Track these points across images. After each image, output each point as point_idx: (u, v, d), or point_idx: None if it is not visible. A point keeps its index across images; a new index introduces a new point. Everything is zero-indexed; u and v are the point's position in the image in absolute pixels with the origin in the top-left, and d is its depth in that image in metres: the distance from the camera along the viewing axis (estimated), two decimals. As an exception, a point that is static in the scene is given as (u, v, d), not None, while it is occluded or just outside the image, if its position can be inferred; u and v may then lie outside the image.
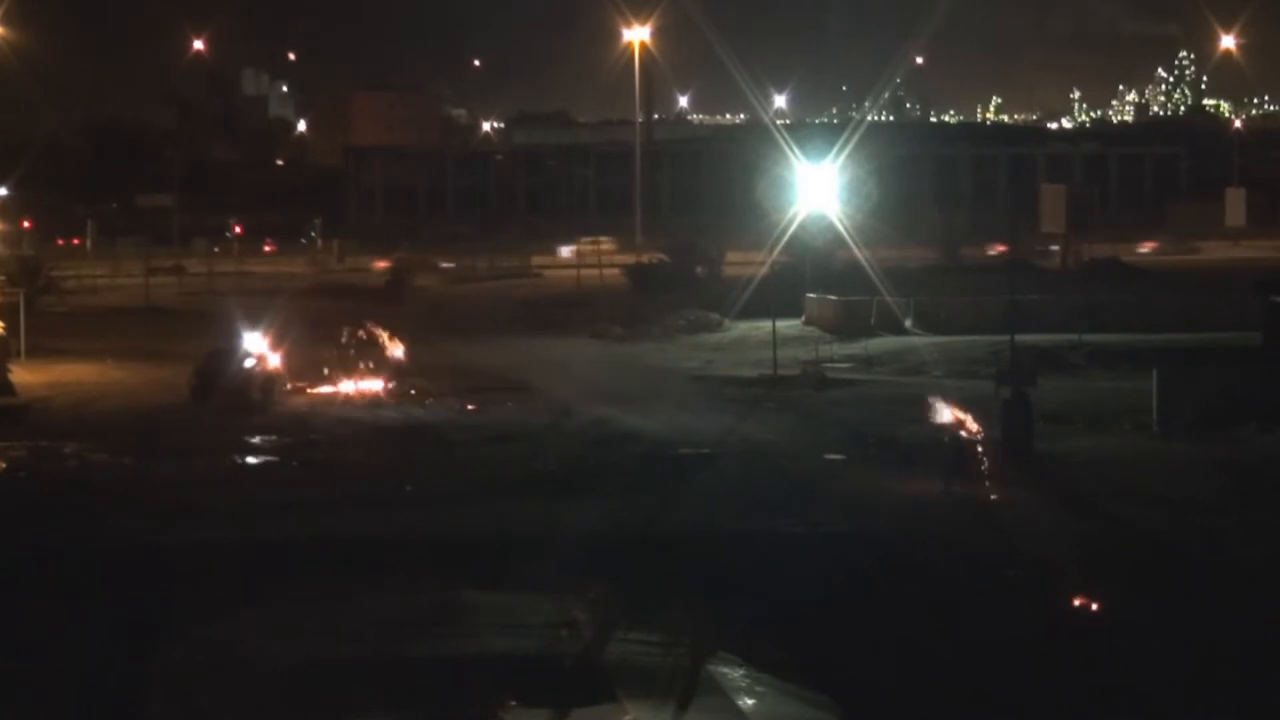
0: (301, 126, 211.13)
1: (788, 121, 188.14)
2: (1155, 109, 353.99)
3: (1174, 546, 36.76)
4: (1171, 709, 26.16)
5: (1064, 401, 52.14)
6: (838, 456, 46.03)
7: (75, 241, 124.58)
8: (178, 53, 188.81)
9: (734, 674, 26.47)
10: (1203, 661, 27.84)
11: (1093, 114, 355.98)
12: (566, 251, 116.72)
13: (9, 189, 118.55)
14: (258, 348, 56.22)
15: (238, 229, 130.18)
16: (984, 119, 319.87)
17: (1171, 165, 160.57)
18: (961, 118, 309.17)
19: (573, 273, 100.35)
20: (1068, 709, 25.98)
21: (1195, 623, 30.02)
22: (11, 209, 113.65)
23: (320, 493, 40.50)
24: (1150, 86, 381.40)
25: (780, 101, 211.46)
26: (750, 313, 74.43)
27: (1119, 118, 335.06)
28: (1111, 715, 26.03)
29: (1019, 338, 52.17)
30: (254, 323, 58.42)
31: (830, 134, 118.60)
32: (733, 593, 31.47)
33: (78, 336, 72.99)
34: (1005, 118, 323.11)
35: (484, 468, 44.00)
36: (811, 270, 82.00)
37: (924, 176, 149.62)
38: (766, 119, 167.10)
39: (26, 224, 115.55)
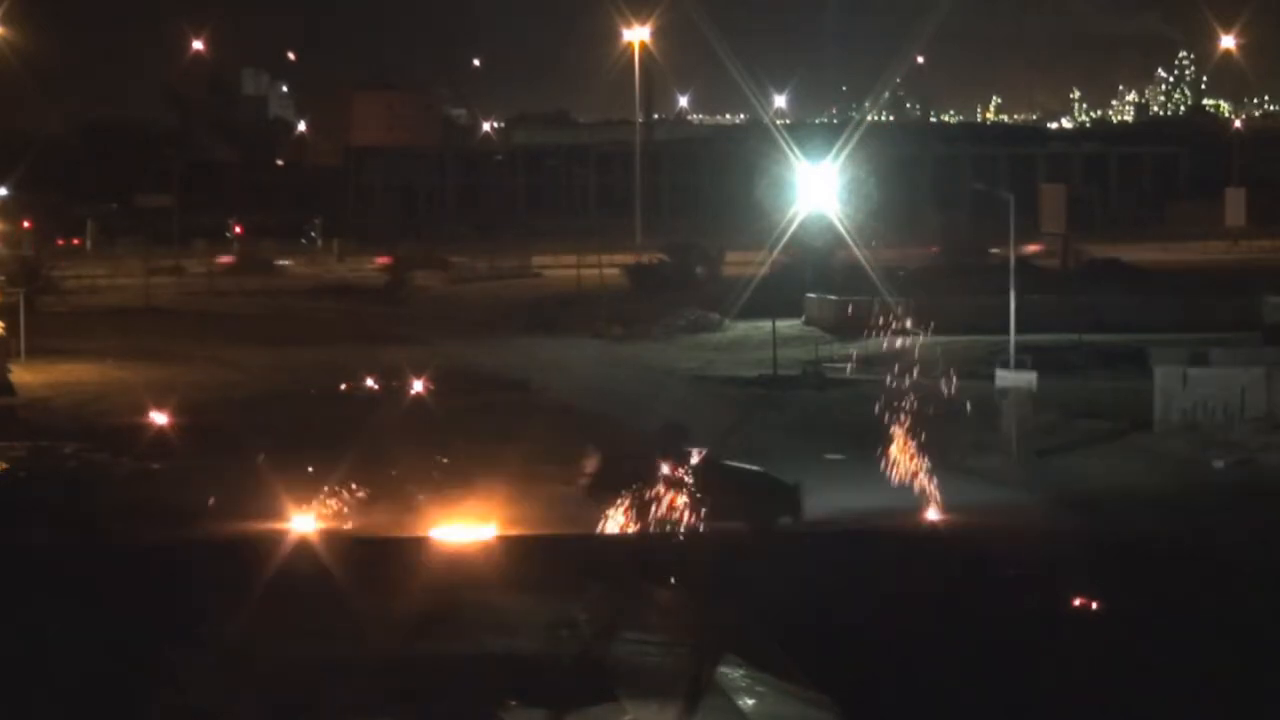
0: (301, 126, 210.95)
1: (788, 121, 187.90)
2: (1155, 109, 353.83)
3: (1172, 546, 36.80)
4: (1167, 708, 26.18)
5: (1064, 401, 52.14)
6: (838, 456, 46.05)
7: (75, 241, 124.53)
8: (178, 53, 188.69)
9: (734, 674, 26.47)
10: (1198, 661, 27.87)
11: (1093, 114, 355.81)
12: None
13: (9, 189, 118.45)
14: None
15: (238, 229, 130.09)
16: (984, 119, 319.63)
17: (1171, 165, 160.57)
18: (961, 118, 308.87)
19: (573, 273, 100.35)
20: (1066, 707, 25.99)
21: (1191, 622, 30.05)
22: (11, 209, 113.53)
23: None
24: (1150, 86, 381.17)
25: (780, 101, 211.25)
26: (750, 313, 74.39)
27: (1119, 118, 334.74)
28: (1110, 714, 26.04)
29: (1019, 338, 52.23)
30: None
31: (830, 134, 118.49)
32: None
33: (78, 336, 72.95)
34: (1005, 118, 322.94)
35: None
36: (811, 270, 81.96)
37: (924, 176, 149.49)
38: (766, 119, 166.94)
39: (26, 224, 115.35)
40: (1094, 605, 31.28)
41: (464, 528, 37.68)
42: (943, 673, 26.94)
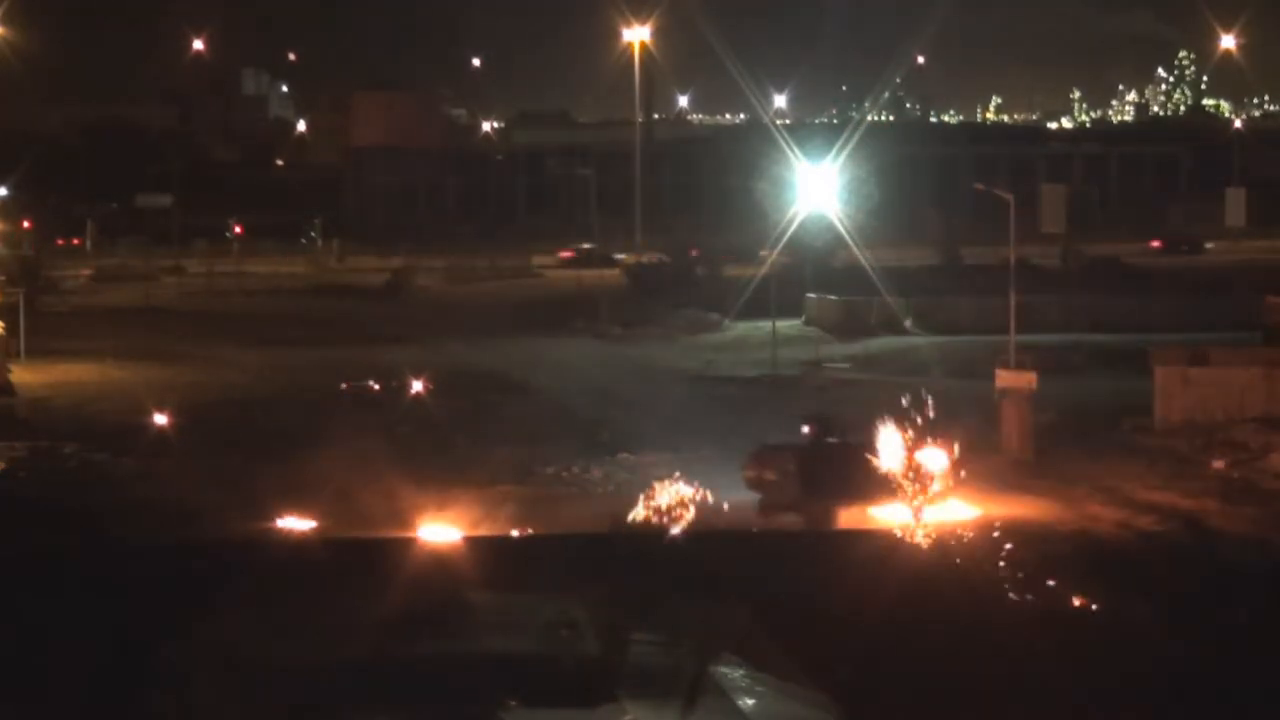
0: (301, 126, 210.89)
1: (788, 121, 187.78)
2: (1155, 109, 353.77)
3: (1170, 546, 36.82)
4: (1165, 707, 26.20)
5: (1064, 401, 52.14)
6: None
7: (75, 241, 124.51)
8: (178, 53, 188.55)
9: (734, 674, 26.48)
10: (1194, 659, 27.90)
11: (1093, 114, 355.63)
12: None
13: (9, 189, 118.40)
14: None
15: (238, 229, 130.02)
16: (984, 119, 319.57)
17: (1171, 165, 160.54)
18: (961, 118, 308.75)
19: (573, 273, 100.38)
20: (1063, 706, 26.00)
21: (1188, 621, 30.06)
22: (11, 209, 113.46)
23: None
24: (1150, 86, 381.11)
25: (780, 101, 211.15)
26: (750, 313, 74.39)
27: (1119, 118, 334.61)
28: (1107, 714, 26.05)
29: (1019, 338, 52.25)
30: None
31: (830, 134, 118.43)
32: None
33: (78, 336, 72.96)
34: (1005, 118, 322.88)
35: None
36: (811, 270, 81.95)
37: (924, 176, 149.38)
38: (766, 119, 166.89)
39: (26, 224, 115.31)
40: (1093, 605, 31.29)
41: (463, 528, 37.69)
42: (940, 672, 26.95)
